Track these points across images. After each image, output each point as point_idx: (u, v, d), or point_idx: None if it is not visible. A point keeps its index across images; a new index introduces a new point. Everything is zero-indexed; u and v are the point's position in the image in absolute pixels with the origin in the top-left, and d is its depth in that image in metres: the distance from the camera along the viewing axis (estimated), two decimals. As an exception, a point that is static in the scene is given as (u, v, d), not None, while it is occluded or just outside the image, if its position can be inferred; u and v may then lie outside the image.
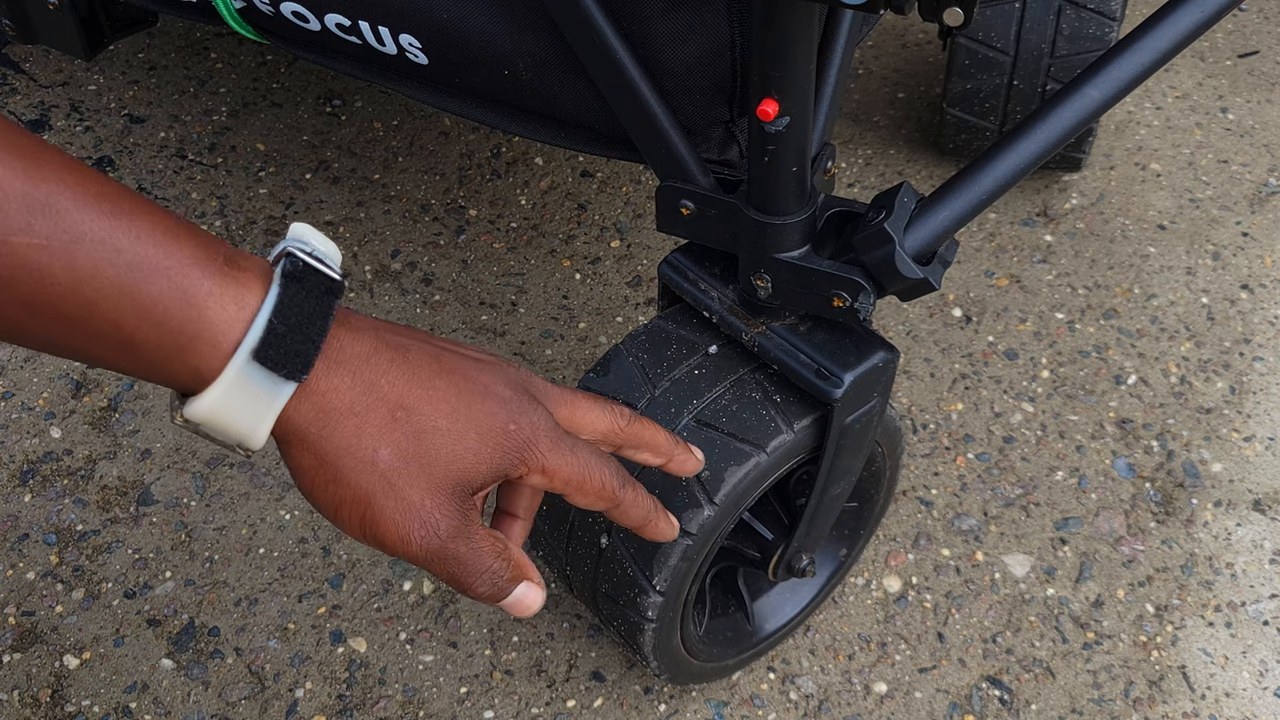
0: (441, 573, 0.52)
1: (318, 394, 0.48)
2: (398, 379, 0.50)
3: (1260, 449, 1.09)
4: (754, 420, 0.75)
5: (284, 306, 0.46)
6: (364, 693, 0.94)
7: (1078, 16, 1.12)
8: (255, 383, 0.46)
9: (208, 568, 1.01)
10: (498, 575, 0.53)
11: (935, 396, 1.13)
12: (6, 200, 0.40)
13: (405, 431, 0.49)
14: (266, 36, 0.86)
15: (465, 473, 0.51)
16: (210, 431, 0.47)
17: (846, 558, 0.95)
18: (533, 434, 0.53)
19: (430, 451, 0.50)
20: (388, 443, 0.49)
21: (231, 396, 0.46)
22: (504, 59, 0.75)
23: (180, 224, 0.45)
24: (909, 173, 1.34)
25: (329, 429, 0.48)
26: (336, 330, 0.48)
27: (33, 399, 1.13)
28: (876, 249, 0.69)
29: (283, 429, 0.48)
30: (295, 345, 0.46)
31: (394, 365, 0.50)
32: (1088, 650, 0.96)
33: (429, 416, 0.50)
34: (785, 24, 0.61)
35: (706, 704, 0.93)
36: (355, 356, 0.49)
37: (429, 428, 0.50)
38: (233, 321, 0.45)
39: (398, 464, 0.49)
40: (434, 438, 0.50)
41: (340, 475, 0.49)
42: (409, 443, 0.49)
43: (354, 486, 0.49)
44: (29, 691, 0.94)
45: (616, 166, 1.35)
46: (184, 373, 0.45)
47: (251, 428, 0.47)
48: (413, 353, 0.51)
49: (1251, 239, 1.27)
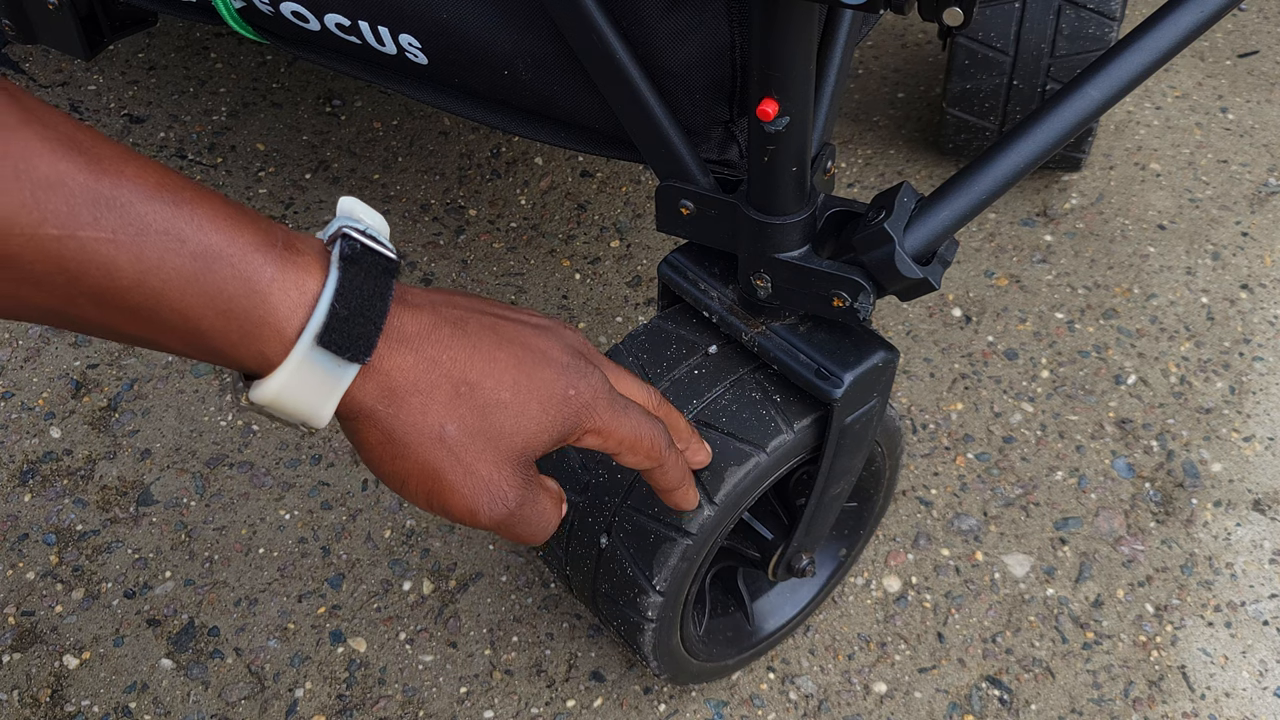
0: (507, 535, 0.54)
1: (381, 373, 0.49)
2: (459, 353, 0.51)
3: (1260, 449, 1.09)
4: (754, 420, 0.75)
5: (344, 290, 0.47)
6: (364, 693, 0.94)
7: (1077, 16, 1.12)
8: (320, 366, 0.47)
9: (207, 568, 1.01)
10: (554, 523, 0.56)
11: (935, 396, 1.13)
12: (72, 195, 0.41)
13: (470, 407, 0.50)
14: (266, 36, 0.86)
15: (529, 442, 0.52)
16: (275, 413, 0.48)
17: (846, 557, 0.95)
18: (592, 398, 0.54)
19: (495, 425, 0.51)
20: (454, 418, 0.50)
21: (296, 381, 0.46)
22: (504, 59, 0.75)
23: (239, 210, 0.46)
24: (909, 172, 1.34)
25: (394, 407, 0.49)
26: (396, 309, 0.49)
27: (33, 399, 1.13)
28: (876, 249, 0.69)
29: (347, 407, 0.49)
30: (357, 328, 0.47)
31: (454, 339, 0.51)
32: (1087, 650, 0.96)
33: (492, 390, 0.51)
34: (785, 24, 0.61)
35: (706, 704, 0.93)
36: (416, 334, 0.49)
37: (493, 402, 0.51)
38: (295, 307, 0.46)
39: (464, 439, 0.50)
40: (498, 411, 0.51)
41: (408, 450, 0.50)
42: (474, 418, 0.51)
43: (422, 461, 0.50)
44: (29, 691, 0.94)
45: (616, 166, 1.35)
46: (249, 358, 0.46)
47: (316, 409, 0.48)
48: (471, 325, 0.52)
49: (1251, 239, 1.27)
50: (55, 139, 0.41)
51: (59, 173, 0.40)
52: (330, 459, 1.08)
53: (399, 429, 0.50)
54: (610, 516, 0.77)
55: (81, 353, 1.17)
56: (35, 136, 0.40)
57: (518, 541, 0.55)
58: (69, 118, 0.42)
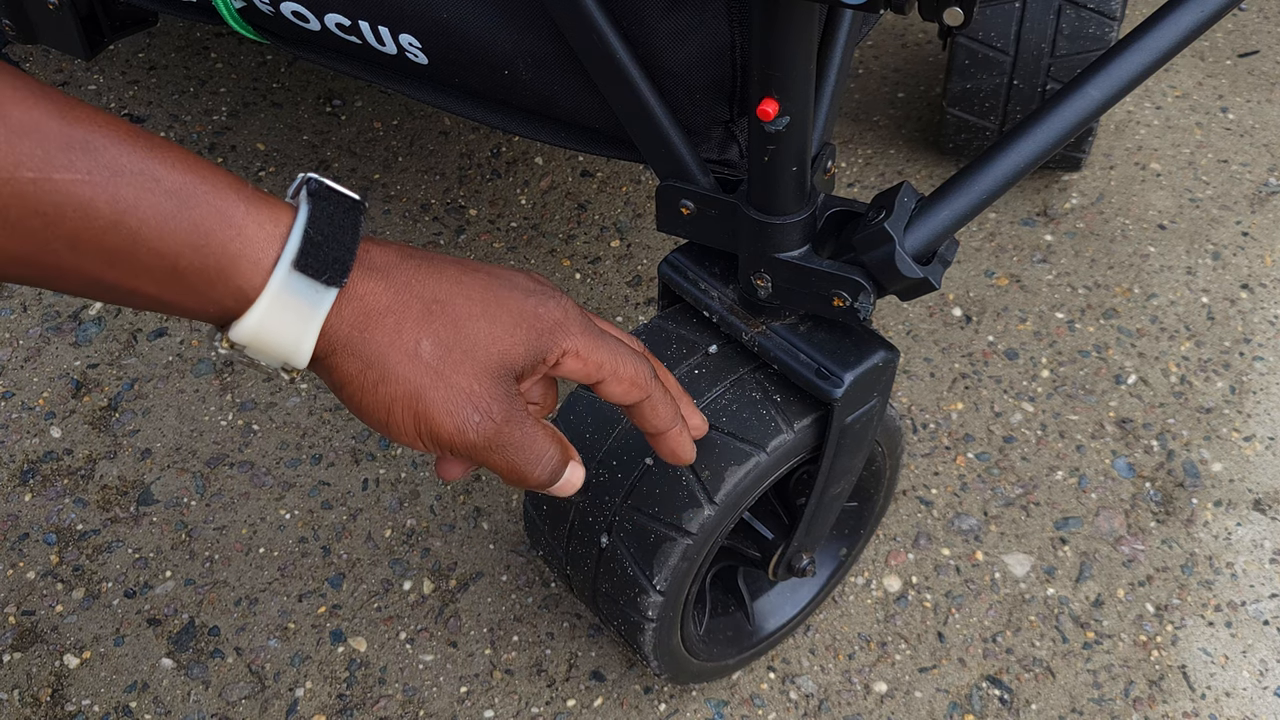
0: (501, 462, 0.53)
1: (356, 298, 0.49)
2: (428, 278, 0.52)
3: (1260, 449, 1.09)
4: (754, 420, 0.75)
5: (316, 218, 0.48)
6: (364, 692, 0.94)
7: (1078, 16, 1.12)
8: (298, 293, 0.47)
9: (208, 567, 1.01)
10: (553, 459, 0.55)
11: (935, 396, 1.13)
12: (46, 139, 0.41)
13: (443, 321, 0.51)
14: (266, 36, 0.86)
15: (506, 354, 0.52)
16: (256, 353, 0.49)
17: (846, 557, 0.95)
18: (563, 316, 0.55)
19: (470, 336, 0.51)
20: (428, 334, 0.51)
21: (276, 310, 0.47)
22: (504, 58, 0.75)
23: (206, 160, 0.47)
24: (909, 172, 1.34)
25: (371, 329, 0.50)
26: (365, 243, 0.50)
27: (33, 399, 1.13)
28: (877, 248, 0.69)
29: (325, 341, 0.49)
30: (333, 253, 0.48)
31: (422, 268, 0.52)
32: (1088, 650, 0.96)
33: (463, 305, 0.52)
34: (785, 24, 0.61)
35: (706, 703, 0.93)
36: (386, 264, 0.51)
37: (464, 314, 0.52)
38: (271, 238, 0.47)
39: (441, 352, 0.51)
40: (471, 323, 0.52)
41: (387, 372, 0.50)
42: (448, 331, 0.51)
43: (403, 381, 0.50)
44: (29, 691, 0.94)
45: (616, 166, 1.35)
46: (228, 295, 0.47)
47: (296, 341, 0.48)
48: (437, 259, 0.53)
49: (1251, 238, 1.27)
50: (27, 90, 0.42)
51: (33, 119, 0.41)
52: (331, 459, 1.08)
53: (376, 352, 0.50)
54: (611, 516, 0.77)
55: (82, 352, 1.17)
56: (7, 86, 0.41)
57: (515, 475, 0.54)
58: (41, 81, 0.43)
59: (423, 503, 1.05)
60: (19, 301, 1.21)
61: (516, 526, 1.03)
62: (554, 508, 0.81)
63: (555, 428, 0.56)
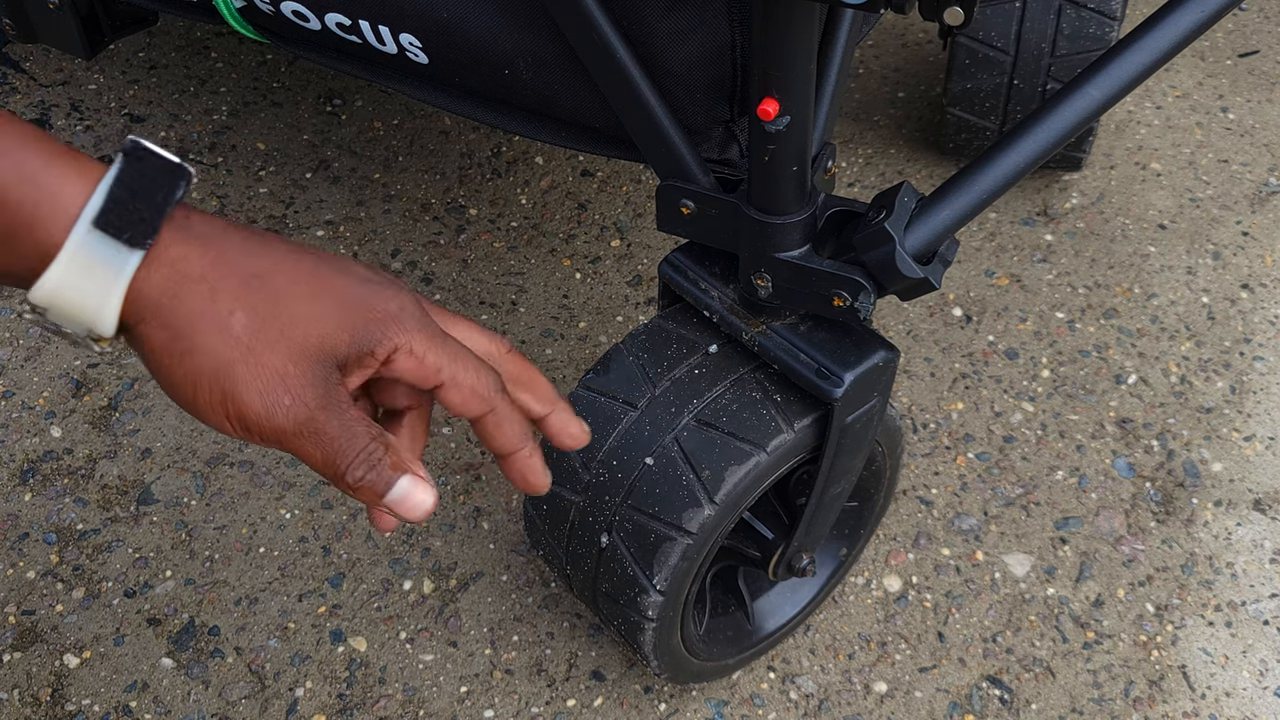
0: (314, 454, 0.48)
1: (166, 263, 0.46)
2: (252, 251, 0.48)
3: (1260, 448, 1.09)
4: (754, 420, 0.75)
5: (125, 175, 0.45)
6: (364, 692, 0.94)
7: (1078, 16, 1.12)
8: (99, 253, 0.45)
9: (208, 567, 1.01)
10: (375, 457, 0.49)
11: (935, 396, 1.13)
12: None
13: (261, 295, 0.47)
14: (267, 36, 0.86)
15: (327, 338, 0.48)
16: (59, 317, 0.46)
17: (847, 557, 0.95)
18: (398, 310, 0.50)
19: (288, 313, 0.47)
20: (243, 306, 0.47)
21: (76, 270, 0.45)
22: (504, 58, 0.75)
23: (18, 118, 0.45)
24: (909, 172, 1.34)
25: (180, 296, 0.46)
26: (185, 211, 0.47)
27: (33, 398, 1.13)
28: (877, 248, 0.69)
29: (132, 308, 0.46)
30: (139, 212, 0.45)
31: (248, 241, 0.48)
32: (1088, 650, 0.96)
33: (285, 283, 0.48)
34: (785, 23, 0.61)
35: (706, 703, 0.93)
36: (206, 232, 0.47)
37: (286, 292, 0.48)
38: (75, 195, 0.44)
39: (255, 325, 0.47)
40: (291, 301, 0.48)
41: (195, 344, 0.46)
42: (265, 305, 0.47)
43: (211, 354, 0.46)
44: (29, 690, 0.94)
45: (616, 166, 1.35)
46: (29, 252, 0.45)
47: (99, 305, 0.45)
48: (267, 235, 0.50)
49: (1252, 238, 1.27)
50: None
51: None
52: (331, 458, 1.08)
53: (185, 320, 0.46)
54: (610, 516, 0.77)
55: (81, 352, 1.17)
56: None
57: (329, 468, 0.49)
58: None
59: (423, 502, 1.05)
60: (19, 301, 1.21)
61: (516, 526, 1.03)
62: (554, 508, 0.81)
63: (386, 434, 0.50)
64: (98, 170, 0.46)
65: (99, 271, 0.45)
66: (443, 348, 0.51)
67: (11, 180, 0.44)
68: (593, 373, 0.80)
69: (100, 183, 0.45)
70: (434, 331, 0.51)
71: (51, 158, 0.45)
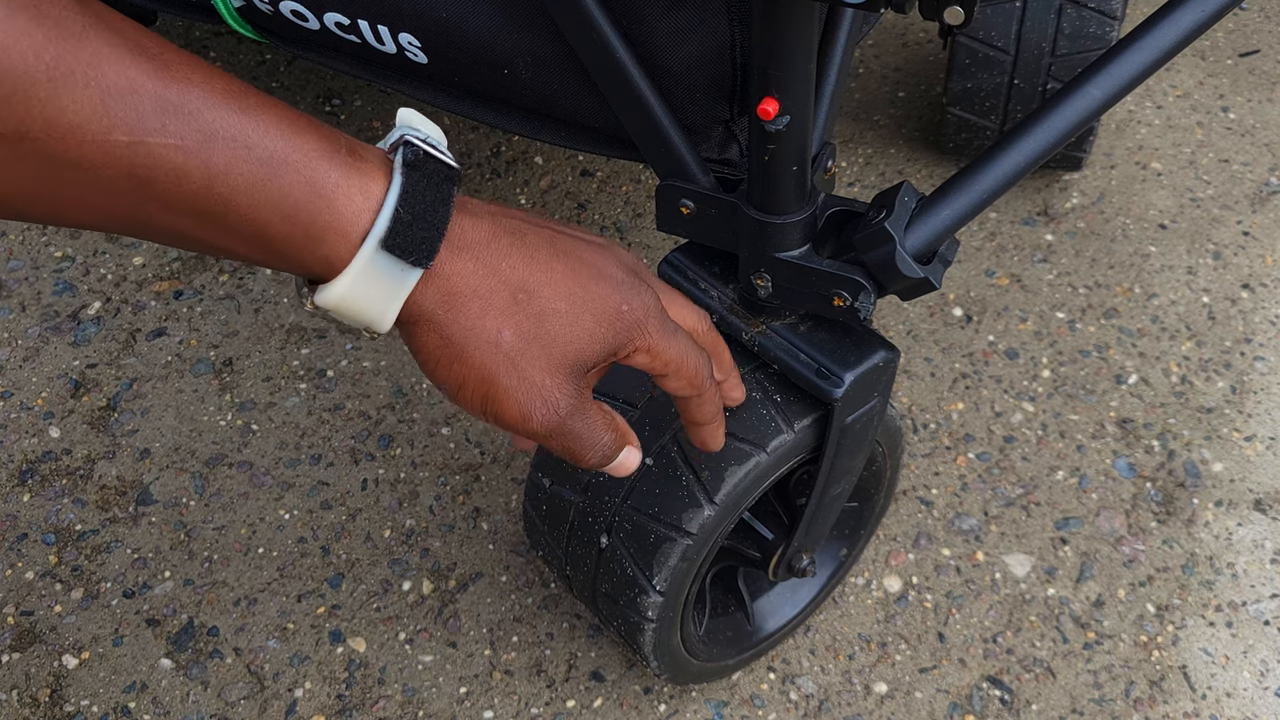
0: (557, 446, 0.55)
1: (443, 278, 0.50)
2: (518, 262, 0.52)
3: (1261, 448, 1.09)
4: (754, 420, 0.75)
5: (408, 195, 0.47)
6: (363, 693, 0.94)
7: (1079, 15, 1.12)
8: (383, 270, 0.48)
9: (207, 567, 1.01)
10: (608, 446, 0.56)
11: (936, 396, 1.13)
12: (141, 102, 0.41)
13: (527, 314, 0.52)
14: (265, 35, 0.86)
15: (582, 352, 0.53)
16: (340, 316, 0.49)
17: (847, 557, 0.95)
18: (644, 315, 0.55)
19: (550, 333, 0.52)
20: (511, 324, 0.51)
21: (361, 284, 0.47)
22: (503, 58, 0.75)
23: (304, 117, 0.46)
24: (909, 172, 1.34)
25: (454, 311, 0.50)
26: (457, 216, 0.50)
27: (32, 398, 1.13)
28: (877, 248, 0.69)
29: (408, 312, 0.50)
30: (420, 233, 0.48)
31: (513, 249, 0.52)
32: (1088, 650, 0.96)
33: (548, 299, 0.52)
34: (785, 23, 0.61)
35: (706, 704, 0.93)
36: (476, 242, 0.50)
37: (549, 310, 0.52)
38: (360, 212, 0.47)
39: (520, 344, 0.52)
40: (553, 320, 0.52)
41: (465, 355, 0.51)
42: (531, 325, 0.52)
43: (478, 366, 0.51)
44: (28, 691, 0.93)
45: (616, 165, 1.35)
46: (315, 262, 0.47)
47: (380, 313, 0.49)
48: (529, 236, 0.53)
49: (1252, 238, 1.27)
50: (123, 45, 0.41)
51: (128, 79, 0.41)
52: (330, 459, 1.08)
53: (458, 333, 0.51)
54: (610, 516, 0.77)
55: (81, 352, 1.17)
56: (104, 43, 0.40)
57: (570, 457, 0.56)
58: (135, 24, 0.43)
59: (422, 503, 1.05)
60: (18, 301, 1.21)
61: (516, 527, 1.03)
62: (554, 508, 0.81)
63: (614, 413, 0.57)
64: (381, 184, 0.47)
65: (382, 285, 0.48)
66: (675, 344, 0.57)
67: (304, 198, 0.45)
68: (592, 373, 0.79)
69: (386, 200, 0.47)
70: (669, 329, 0.57)
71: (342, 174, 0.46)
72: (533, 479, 0.82)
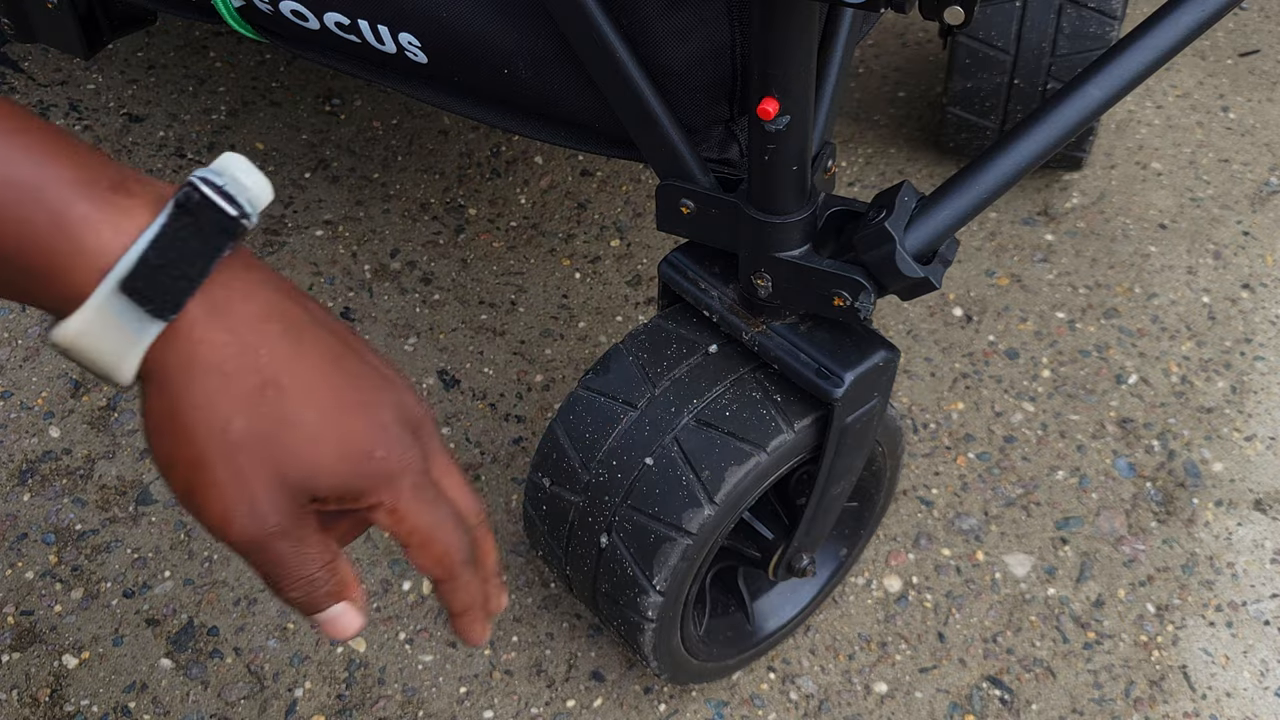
0: (257, 566, 0.48)
1: (188, 342, 0.45)
2: (281, 354, 0.46)
3: (1261, 448, 1.09)
4: (754, 420, 0.75)
5: (163, 238, 0.43)
6: (363, 693, 0.94)
7: (1079, 15, 1.12)
8: (120, 316, 0.43)
9: (207, 567, 1.01)
10: (315, 586, 0.49)
11: (936, 396, 1.13)
12: None
13: (266, 411, 0.46)
14: (265, 35, 0.86)
15: (310, 478, 0.47)
16: (76, 359, 0.45)
17: (847, 557, 0.95)
18: (399, 469, 0.48)
19: (283, 441, 0.46)
20: (245, 415, 0.45)
21: (95, 327, 0.44)
22: (503, 57, 0.75)
23: (69, 145, 0.43)
24: (909, 171, 1.34)
25: (190, 381, 0.45)
26: (228, 279, 0.45)
27: (31, 398, 1.13)
28: (877, 248, 0.69)
29: (147, 367, 0.45)
30: (167, 282, 0.43)
31: (282, 338, 0.46)
32: (1088, 650, 0.96)
33: (297, 407, 0.46)
34: (785, 23, 0.61)
35: (706, 704, 0.93)
36: (242, 315, 0.45)
37: (293, 418, 0.46)
38: (106, 250, 0.43)
39: (247, 440, 0.46)
40: (293, 430, 0.46)
41: (185, 433, 0.45)
42: (266, 425, 0.46)
43: (195, 447, 0.45)
44: (28, 691, 0.93)
45: (616, 165, 1.35)
46: (52, 299, 0.44)
47: (115, 363, 0.45)
48: (308, 334, 0.47)
49: (1252, 238, 1.27)
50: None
51: None
52: (330, 458, 1.08)
53: (185, 407, 0.45)
54: (610, 516, 0.77)
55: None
56: None
57: (269, 584, 0.48)
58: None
59: (422, 503, 1.05)
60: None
61: (516, 527, 1.03)
62: (554, 508, 0.81)
63: (346, 563, 0.49)
64: (139, 220, 0.43)
65: (117, 333, 0.44)
66: (426, 513, 0.50)
67: (43, 227, 0.42)
68: (592, 373, 0.79)
69: (140, 238, 0.43)
70: (426, 495, 0.50)
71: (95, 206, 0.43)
72: (533, 479, 0.82)
